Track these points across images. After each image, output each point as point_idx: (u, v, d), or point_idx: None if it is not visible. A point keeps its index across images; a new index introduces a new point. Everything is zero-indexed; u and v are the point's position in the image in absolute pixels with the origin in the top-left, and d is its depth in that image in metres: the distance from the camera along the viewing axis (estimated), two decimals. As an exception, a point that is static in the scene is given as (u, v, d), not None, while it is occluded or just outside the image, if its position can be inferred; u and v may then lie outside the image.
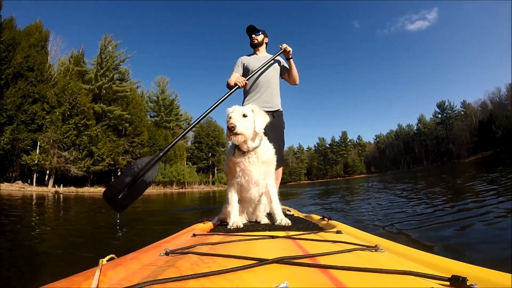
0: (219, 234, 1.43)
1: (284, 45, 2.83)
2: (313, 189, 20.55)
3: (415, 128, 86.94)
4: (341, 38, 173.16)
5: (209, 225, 1.92)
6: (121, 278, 0.72)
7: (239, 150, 1.78)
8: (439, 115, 79.09)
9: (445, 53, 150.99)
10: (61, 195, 18.91)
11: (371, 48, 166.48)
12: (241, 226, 1.73)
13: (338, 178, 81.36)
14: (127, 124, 36.22)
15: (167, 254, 0.94)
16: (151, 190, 34.82)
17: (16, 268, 1.92)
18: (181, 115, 54.17)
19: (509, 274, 0.65)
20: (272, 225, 1.80)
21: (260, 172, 1.81)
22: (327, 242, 1.11)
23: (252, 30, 2.98)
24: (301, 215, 2.81)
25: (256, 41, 2.97)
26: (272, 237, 1.20)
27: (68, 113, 28.20)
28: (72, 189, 27.45)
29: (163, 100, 51.05)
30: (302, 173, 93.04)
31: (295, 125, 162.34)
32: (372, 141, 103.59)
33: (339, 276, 0.61)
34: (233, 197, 1.82)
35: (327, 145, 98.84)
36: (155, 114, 50.80)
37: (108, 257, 0.85)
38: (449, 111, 76.62)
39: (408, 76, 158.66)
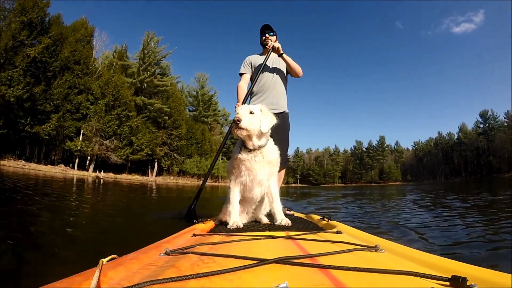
0: (219, 234, 1.43)
1: (270, 44, 2.84)
2: (348, 193, 17.83)
3: (455, 137, 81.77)
4: (383, 40, 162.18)
5: (209, 225, 1.92)
6: (121, 278, 0.72)
7: (245, 148, 1.79)
8: (481, 125, 73.37)
9: (491, 59, 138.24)
10: (101, 180, 20.74)
11: (414, 50, 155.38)
12: (241, 226, 1.73)
13: (373, 184, 77.93)
14: (166, 117, 37.73)
15: (167, 254, 0.94)
16: (185, 182, 36.37)
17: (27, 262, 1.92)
18: (219, 111, 55.22)
19: (509, 274, 0.66)
20: (272, 225, 1.81)
21: (265, 172, 1.82)
22: (327, 242, 1.12)
23: (267, 29, 2.99)
24: (301, 215, 2.81)
25: (269, 41, 2.96)
26: (272, 237, 1.20)
27: (111, 104, 29.94)
28: (111, 175, 29.49)
29: (202, 95, 52.19)
30: (337, 175, 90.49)
31: (331, 127, 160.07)
32: (410, 148, 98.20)
33: (339, 276, 0.61)
34: (234, 197, 1.82)
35: (364, 149, 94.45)
36: (194, 108, 52.00)
37: (109, 257, 0.85)
38: (492, 122, 70.91)
39: (452, 80, 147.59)
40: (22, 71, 23.92)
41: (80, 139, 28.72)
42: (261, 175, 1.81)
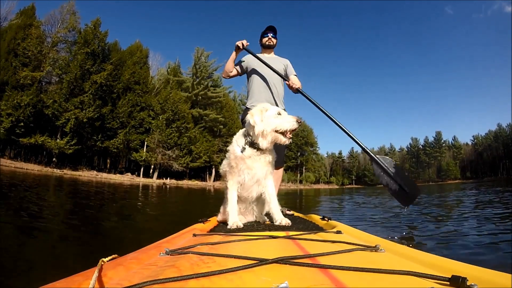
0: (219, 234, 1.43)
1: (294, 87, 2.76)
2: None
3: None
4: (432, 26, 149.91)
5: (209, 225, 1.92)
6: (121, 278, 0.72)
7: (251, 147, 1.78)
8: None
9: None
10: (168, 186, 24.33)
11: (467, 36, 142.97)
12: (241, 226, 1.73)
13: (431, 183, 72.30)
14: (221, 126, 41.04)
15: (167, 254, 0.94)
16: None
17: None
18: None
19: (509, 274, 0.66)
20: (272, 225, 1.80)
21: (264, 171, 1.82)
22: (327, 242, 1.11)
23: (271, 31, 3.00)
24: (301, 215, 2.81)
25: (271, 43, 2.98)
26: (272, 237, 1.20)
27: (171, 118, 33.83)
28: (173, 181, 33.08)
29: None
30: None
31: (386, 124, 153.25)
32: (469, 143, 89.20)
33: (339, 276, 0.61)
34: (232, 196, 1.82)
35: (420, 146, 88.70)
36: (241, 116, 52.55)
37: (110, 257, 0.85)
38: None
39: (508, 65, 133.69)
40: (91, 95, 28.00)
41: (144, 150, 32.63)
42: (259, 174, 1.81)
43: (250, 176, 1.80)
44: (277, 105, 2.85)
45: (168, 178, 32.80)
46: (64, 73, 27.69)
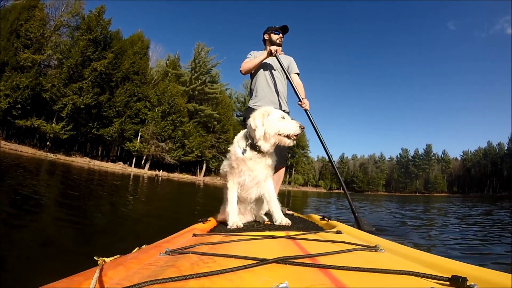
0: (219, 234, 1.43)
1: (304, 107, 2.87)
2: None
3: (505, 147, 75.49)
4: (434, 42, 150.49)
5: (209, 225, 1.92)
6: (121, 278, 0.72)
7: (252, 150, 1.78)
8: None
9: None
10: (160, 178, 24.42)
11: (466, 53, 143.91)
12: (241, 226, 1.73)
13: (417, 194, 76.02)
14: (216, 122, 40.98)
15: (167, 254, 0.94)
16: (218, 181, 39.78)
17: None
18: None
19: (509, 274, 0.65)
20: (272, 225, 1.80)
21: (264, 174, 1.83)
22: (327, 242, 1.11)
23: (284, 31, 3.03)
24: (301, 215, 2.81)
25: (280, 42, 3.01)
26: (272, 237, 1.20)
27: (167, 111, 33.48)
28: (165, 173, 32.88)
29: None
30: (381, 184, 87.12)
31: (378, 133, 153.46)
32: (458, 158, 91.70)
33: (339, 276, 0.61)
34: (233, 197, 1.82)
35: (410, 157, 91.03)
36: (241, 114, 54.94)
37: (113, 257, 0.85)
38: None
39: (504, 85, 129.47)
40: (90, 82, 27.81)
41: (138, 141, 32.48)
42: (260, 176, 1.81)
43: (250, 178, 1.80)
44: (281, 106, 2.89)
45: (161, 170, 32.99)
46: (65, 58, 27.47)
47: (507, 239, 3.78)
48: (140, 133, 32.52)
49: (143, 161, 33.73)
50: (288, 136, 1.73)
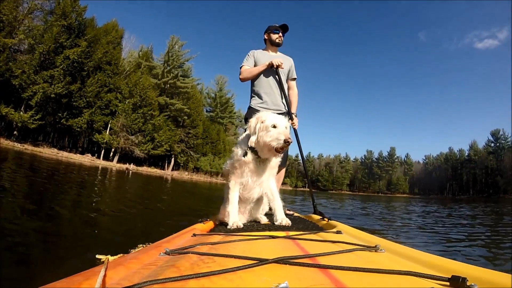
0: (219, 234, 1.42)
1: (294, 125, 2.91)
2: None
3: (466, 154, 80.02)
4: (405, 51, 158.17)
5: (209, 225, 1.91)
6: (121, 278, 0.71)
7: (253, 154, 1.77)
8: (492, 144, 71.46)
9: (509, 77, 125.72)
10: (130, 171, 24.19)
11: (434, 63, 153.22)
12: (241, 226, 1.73)
13: (380, 194, 79.59)
14: (186, 117, 40.57)
15: (167, 254, 0.93)
16: (199, 178, 40.48)
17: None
18: (234, 113, 56.96)
19: (509, 274, 0.66)
20: (272, 225, 1.80)
21: (266, 174, 1.84)
22: (327, 242, 1.12)
23: (284, 30, 3.02)
24: (301, 215, 2.82)
25: (279, 41, 3.00)
26: (272, 237, 1.20)
27: (138, 104, 33.01)
28: (133, 166, 32.59)
29: (220, 97, 54.18)
30: (345, 183, 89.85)
31: (343, 134, 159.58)
32: (420, 161, 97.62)
33: (339, 276, 0.61)
34: (234, 197, 1.81)
35: (374, 159, 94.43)
36: (211, 109, 54.06)
37: (117, 256, 0.82)
38: (503, 141, 69.22)
39: (469, 96, 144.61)
40: (62, 70, 26.67)
41: (107, 133, 31.64)
42: (262, 177, 1.83)
43: (253, 179, 1.81)
44: (283, 106, 2.90)
45: (132, 164, 32.64)
46: (37, 43, 25.89)
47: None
48: (110, 125, 31.66)
49: (112, 153, 33.00)
50: (276, 149, 1.63)
